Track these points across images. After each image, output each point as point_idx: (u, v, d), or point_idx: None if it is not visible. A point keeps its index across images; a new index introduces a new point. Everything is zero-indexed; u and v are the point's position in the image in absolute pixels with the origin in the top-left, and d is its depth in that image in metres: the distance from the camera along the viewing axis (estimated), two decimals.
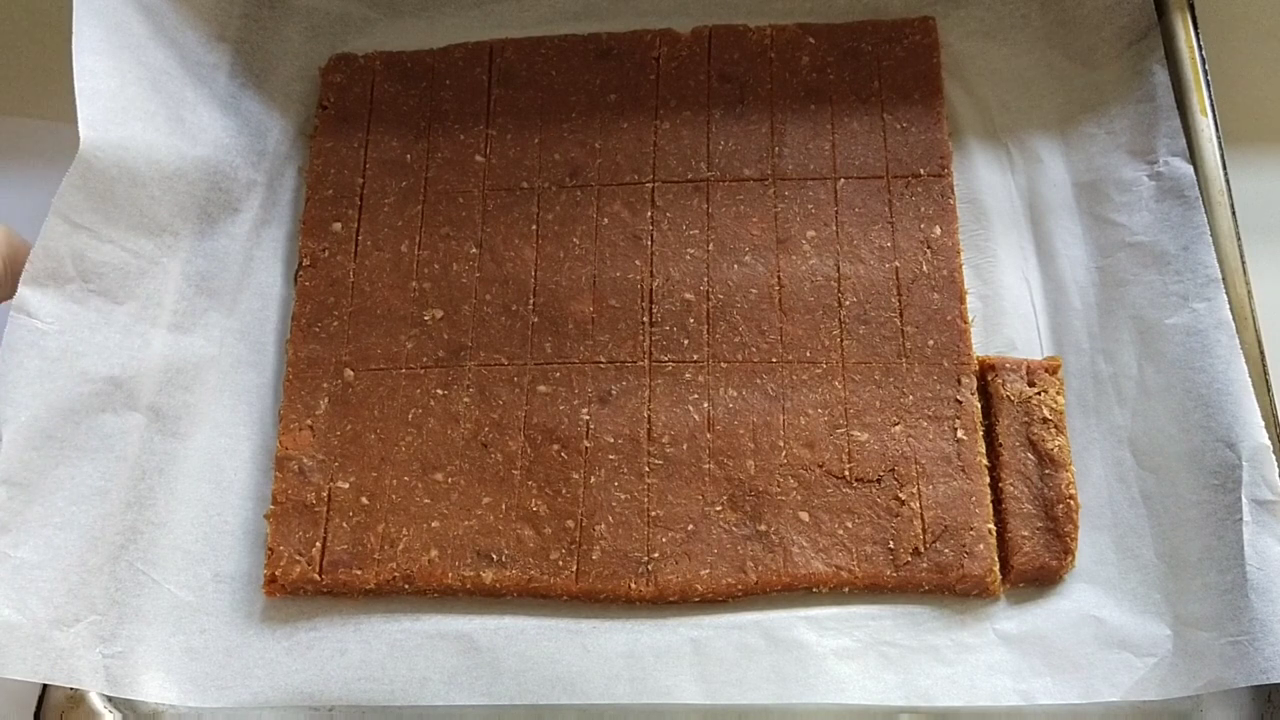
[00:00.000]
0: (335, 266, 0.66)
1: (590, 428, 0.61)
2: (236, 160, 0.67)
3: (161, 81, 0.63)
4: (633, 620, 0.58)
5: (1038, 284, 0.65)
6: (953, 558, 0.57)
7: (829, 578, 0.57)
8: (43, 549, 0.54)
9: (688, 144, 0.67)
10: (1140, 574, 0.57)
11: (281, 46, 0.71)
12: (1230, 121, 0.64)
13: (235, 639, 0.59)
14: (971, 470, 0.59)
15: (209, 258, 0.65)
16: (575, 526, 0.59)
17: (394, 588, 0.59)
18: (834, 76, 0.68)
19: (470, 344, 0.63)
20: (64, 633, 0.54)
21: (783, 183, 0.66)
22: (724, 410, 0.61)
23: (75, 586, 0.55)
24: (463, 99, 0.70)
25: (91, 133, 0.56)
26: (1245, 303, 0.59)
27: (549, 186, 0.67)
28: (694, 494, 0.59)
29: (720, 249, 0.65)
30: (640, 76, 0.69)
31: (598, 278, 0.64)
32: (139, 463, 0.59)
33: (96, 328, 0.58)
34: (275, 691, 0.57)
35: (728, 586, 0.58)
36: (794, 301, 0.63)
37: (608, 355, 0.63)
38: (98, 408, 0.57)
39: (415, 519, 0.60)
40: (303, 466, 0.61)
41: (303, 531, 0.60)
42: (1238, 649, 0.53)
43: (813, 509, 0.59)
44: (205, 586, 0.60)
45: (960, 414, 0.60)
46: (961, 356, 0.61)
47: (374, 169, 0.68)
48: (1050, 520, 0.57)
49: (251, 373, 0.65)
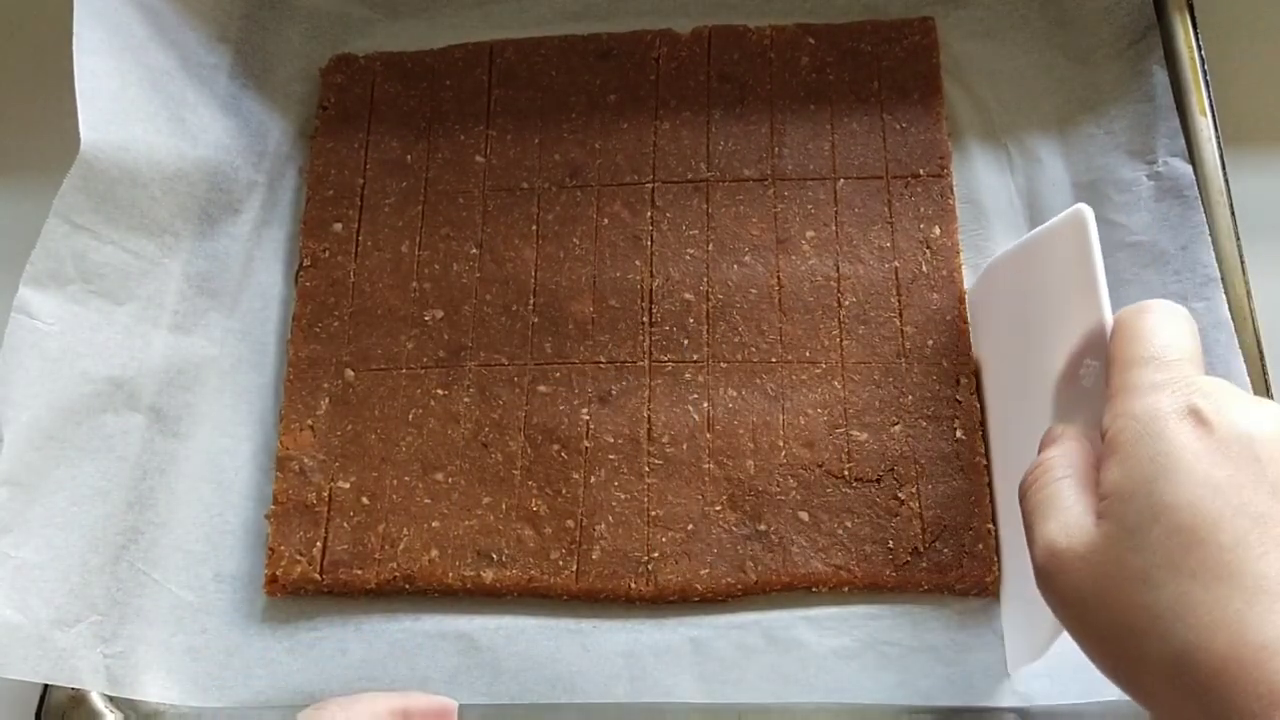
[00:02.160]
0: (336, 267, 0.66)
1: (590, 428, 0.61)
2: (237, 161, 0.67)
3: (162, 82, 0.63)
4: (632, 620, 0.58)
5: None
6: (952, 557, 0.57)
7: (829, 577, 0.57)
8: (44, 549, 0.54)
9: (687, 144, 0.68)
10: None
11: (282, 47, 0.71)
12: (1229, 122, 0.64)
13: (236, 639, 0.59)
14: (971, 470, 0.59)
15: (210, 258, 0.65)
16: (575, 526, 0.59)
17: (395, 587, 0.59)
18: (834, 77, 0.68)
19: (470, 344, 0.64)
20: (65, 633, 0.54)
21: (782, 183, 0.66)
22: (724, 410, 0.61)
23: (76, 587, 0.55)
24: (463, 99, 0.70)
25: (92, 134, 0.56)
26: (1244, 303, 0.59)
27: (549, 187, 0.67)
28: (694, 494, 0.59)
29: (720, 249, 0.65)
30: (640, 77, 0.69)
31: (598, 278, 0.65)
32: (140, 463, 0.60)
33: (97, 328, 0.58)
34: (276, 691, 0.57)
35: (727, 586, 0.58)
36: (793, 301, 0.63)
37: (608, 355, 0.63)
38: (99, 408, 0.58)
39: (416, 519, 0.60)
40: (303, 466, 0.61)
41: (303, 531, 0.60)
42: None
43: (812, 509, 0.59)
44: (206, 586, 0.60)
45: (960, 414, 0.60)
46: (961, 356, 0.61)
47: (374, 169, 0.68)
48: None
49: (252, 373, 0.65)
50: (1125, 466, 0.36)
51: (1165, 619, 0.33)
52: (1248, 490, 0.33)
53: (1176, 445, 0.35)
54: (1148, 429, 0.36)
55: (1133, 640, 0.34)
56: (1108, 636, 0.36)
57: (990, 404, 0.60)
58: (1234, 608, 0.31)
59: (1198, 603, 0.32)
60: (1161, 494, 0.34)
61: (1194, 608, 0.32)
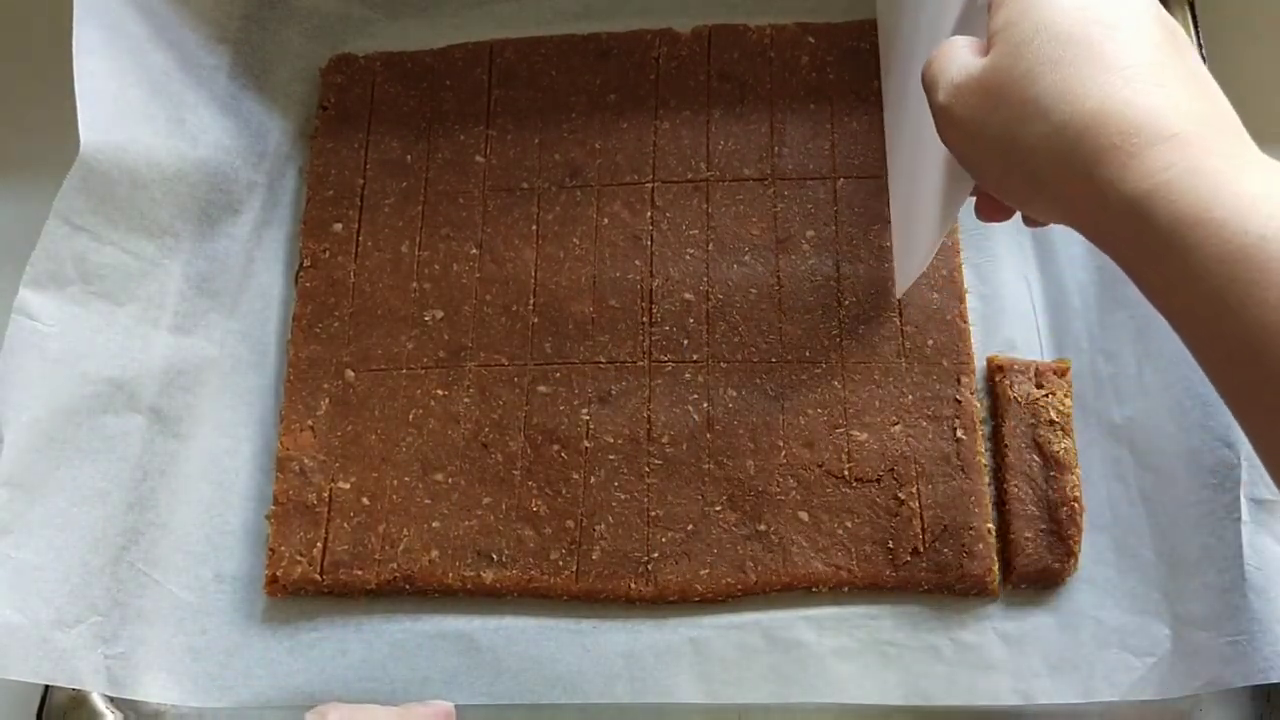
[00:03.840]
0: (336, 267, 0.66)
1: (590, 428, 0.61)
2: (237, 161, 0.67)
3: (162, 83, 0.63)
4: (633, 620, 0.58)
5: (1037, 283, 0.64)
6: (952, 557, 0.57)
7: (828, 577, 0.57)
8: (45, 550, 0.54)
9: (687, 144, 0.67)
10: (1139, 573, 0.57)
11: (281, 48, 0.71)
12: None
13: (237, 639, 0.59)
14: (971, 470, 0.59)
15: (210, 259, 0.65)
16: (575, 526, 0.59)
17: (395, 588, 0.59)
18: (833, 76, 0.68)
19: (470, 344, 0.64)
20: (66, 634, 0.54)
21: (782, 182, 0.66)
22: (723, 410, 0.61)
23: (77, 587, 0.55)
24: (463, 99, 0.70)
25: (92, 135, 0.56)
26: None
27: (549, 187, 0.67)
28: (694, 494, 0.59)
29: (720, 249, 0.65)
30: (640, 76, 0.69)
31: (598, 278, 0.65)
32: (140, 464, 0.60)
33: (98, 329, 0.58)
34: (277, 691, 0.57)
35: (727, 586, 0.58)
36: (793, 301, 0.63)
37: (608, 355, 0.63)
38: (99, 409, 0.58)
39: (416, 519, 0.60)
40: (304, 467, 0.61)
41: (304, 532, 0.60)
42: (1236, 648, 0.53)
43: (812, 509, 0.59)
44: (207, 587, 0.60)
45: (960, 413, 0.60)
46: (961, 356, 0.61)
47: (374, 169, 0.68)
48: (1054, 523, 0.57)
49: (252, 374, 0.65)
50: (1009, 5, 0.41)
51: (1046, 102, 0.38)
52: (1104, 6, 0.39)
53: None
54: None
55: (1022, 131, 0.39)
56: (1001, 140, 0.41)
57: (888, 119, 0.63)
58: (1101, 79, 0.38)
59: (1073, 83, 0.38)
60: (1040, 11, 0.40)
61: (1070, 88, 0.38)
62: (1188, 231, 0.35)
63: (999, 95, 0.40)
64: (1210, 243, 0.34)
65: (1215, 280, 0.34)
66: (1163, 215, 0.35)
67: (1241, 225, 0.33)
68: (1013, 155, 0.41)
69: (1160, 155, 0.36)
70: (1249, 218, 0.34)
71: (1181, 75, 0.38)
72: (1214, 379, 0.37)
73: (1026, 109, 0.39)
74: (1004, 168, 0.42)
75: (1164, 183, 0.35)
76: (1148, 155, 0.36)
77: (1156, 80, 0.38)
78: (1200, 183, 0.35)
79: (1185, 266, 0.35)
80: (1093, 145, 0.37)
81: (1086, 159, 0.37)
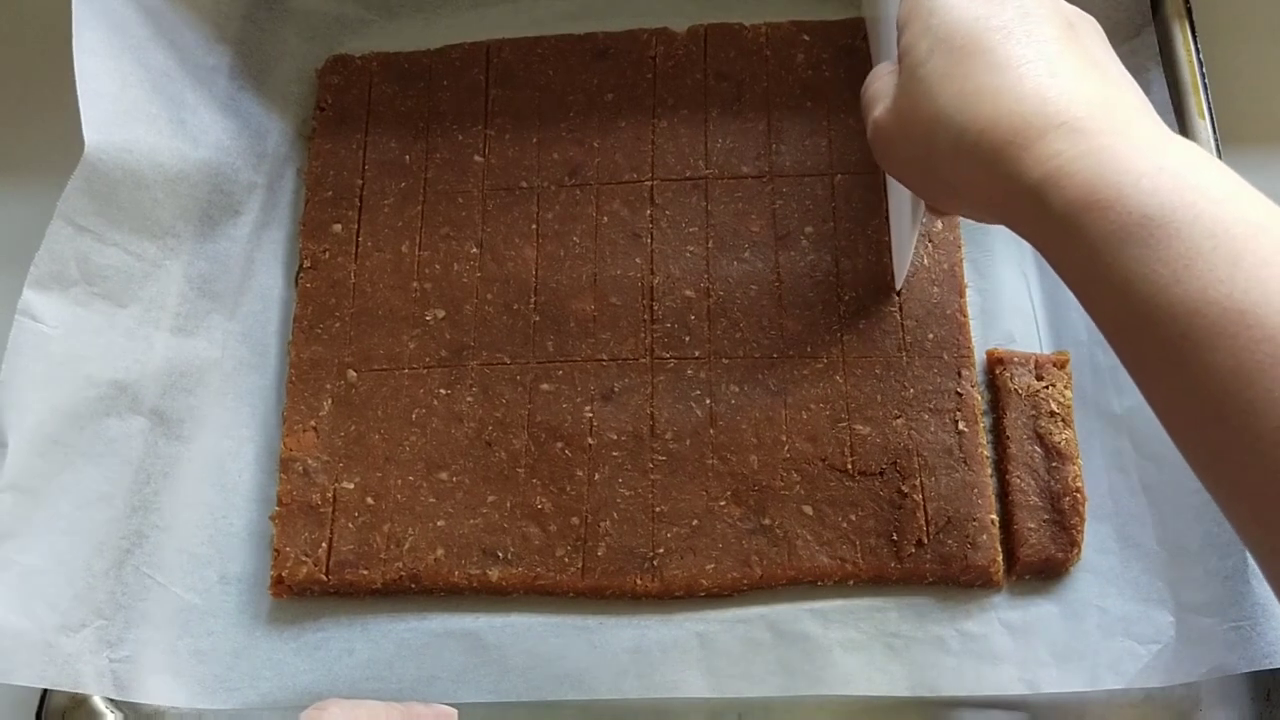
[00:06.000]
0: (336, 268, 0.66)
1: (593, 425, 0.61)
2: (237, 162, 0.67)
3: (162, 84, 0.62)
4: (639, 616, 0.58)
5: (1035, 278, 0.65)
6: (956, 549, 0.57)
7: (833, 570, 0.58)
8: (48, 554, 0.54)
9: (685, 142, 0.68)
10: (1142, 562, 0.57)
11: (279, 48, 0.71)
12: (1228, 124, 0.64)
13: (242, 641, 0.59)
14: (973, 462, 0.59)
15: (211, 260, 0.65)
16: (580, 523, 0.59)
17: (400, 587, 0.59)
18: (830, 73, 0.69)
19: (472, 343, 0.64)
20: (70, 638, 0.54)
21: (780, 179, 0.66)
22: (726, 406, 0.61)
23: (81, 591, 0.55)
24: (460, 99, 0.70)
25: (96, 135, 0.56)
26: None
27: (548, 186, 0.67)
28: (698, 489, 0.60)
29: (720, 246, 0.65)
30: (637, 76, 0.70)
31: (598, 276, 0.65)
32: (143, 466, 0.59)
33: (100, 331, 0.58)
34: (284, 692, 0.57)
35: (733, 581, 0.58)
36: (794, 297, 0.63)
37: (610, 353, 0.63)
38: (102, 412, 0.57)
39: (420, 518, 0.60)
40: (307, 468, 0.61)
41: (308, 532, 0.60)
42: (1240, 634, 0.53)
43: (816, 503, 0.59)
44: (211, 589, 0.60)
45: (961, 406, 0.60)
46: (962, 349, 0.61)
47: (373, 170, 0.68)
48: (1057, 513, 0.57)
49: (254, 375, 0.65)
50: (910, 28, 0.44)
51: (948, 113, 0.41)
52: (996, 14, 0.41)
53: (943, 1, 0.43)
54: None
55: (932, 145, 0.42)
56: (917, 155, 0.44)
57: None
58: (996, 81, 0.39)
59: (969, 91, 0.40)
60: (935, 31, 0.42)
61: (966, 97, 0.40)
62: (1079, 215, 0.36)
63: (909, 116, 0.43)
64: (1099, 224, 0.35)
65: (1106, 259, 0.35)
66: (1056, 201, 0.37)
67: (1126, 206, 0.35)
68: (929, 167, 0.43)
69: (1050, 143, 0.37)
70: (1134, 197, 0.35)
71: (1077, 64, 0.40)
72: (1116, 352, 0.38)
73: (932, 125, 0.42)
74: (924, 179, 0.45)
75: (1055, 169, 0.37)
76: (1039, 144, 0.37)
77: (1050, 71, 0.39)
78: (1088, 165, 0.36)
79: (1080, 248, 0.36)
80: (990, 144, 0.39)
81: (988, 158, 0.39)
